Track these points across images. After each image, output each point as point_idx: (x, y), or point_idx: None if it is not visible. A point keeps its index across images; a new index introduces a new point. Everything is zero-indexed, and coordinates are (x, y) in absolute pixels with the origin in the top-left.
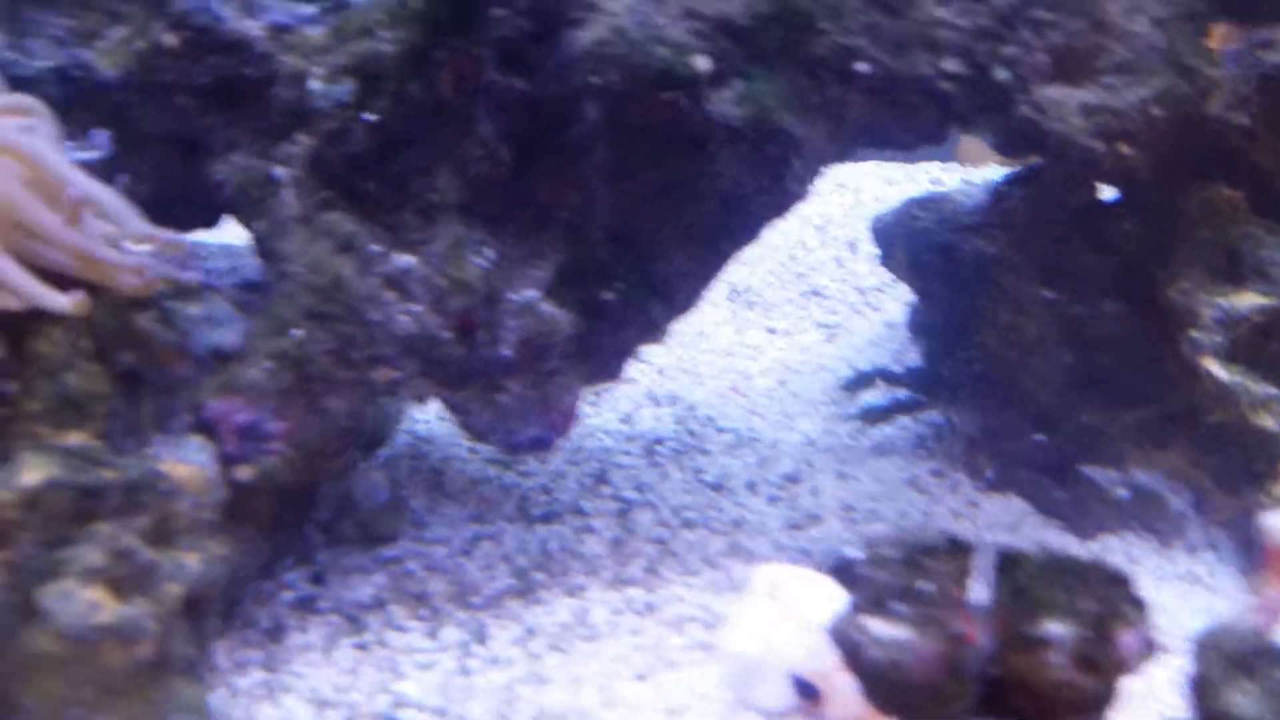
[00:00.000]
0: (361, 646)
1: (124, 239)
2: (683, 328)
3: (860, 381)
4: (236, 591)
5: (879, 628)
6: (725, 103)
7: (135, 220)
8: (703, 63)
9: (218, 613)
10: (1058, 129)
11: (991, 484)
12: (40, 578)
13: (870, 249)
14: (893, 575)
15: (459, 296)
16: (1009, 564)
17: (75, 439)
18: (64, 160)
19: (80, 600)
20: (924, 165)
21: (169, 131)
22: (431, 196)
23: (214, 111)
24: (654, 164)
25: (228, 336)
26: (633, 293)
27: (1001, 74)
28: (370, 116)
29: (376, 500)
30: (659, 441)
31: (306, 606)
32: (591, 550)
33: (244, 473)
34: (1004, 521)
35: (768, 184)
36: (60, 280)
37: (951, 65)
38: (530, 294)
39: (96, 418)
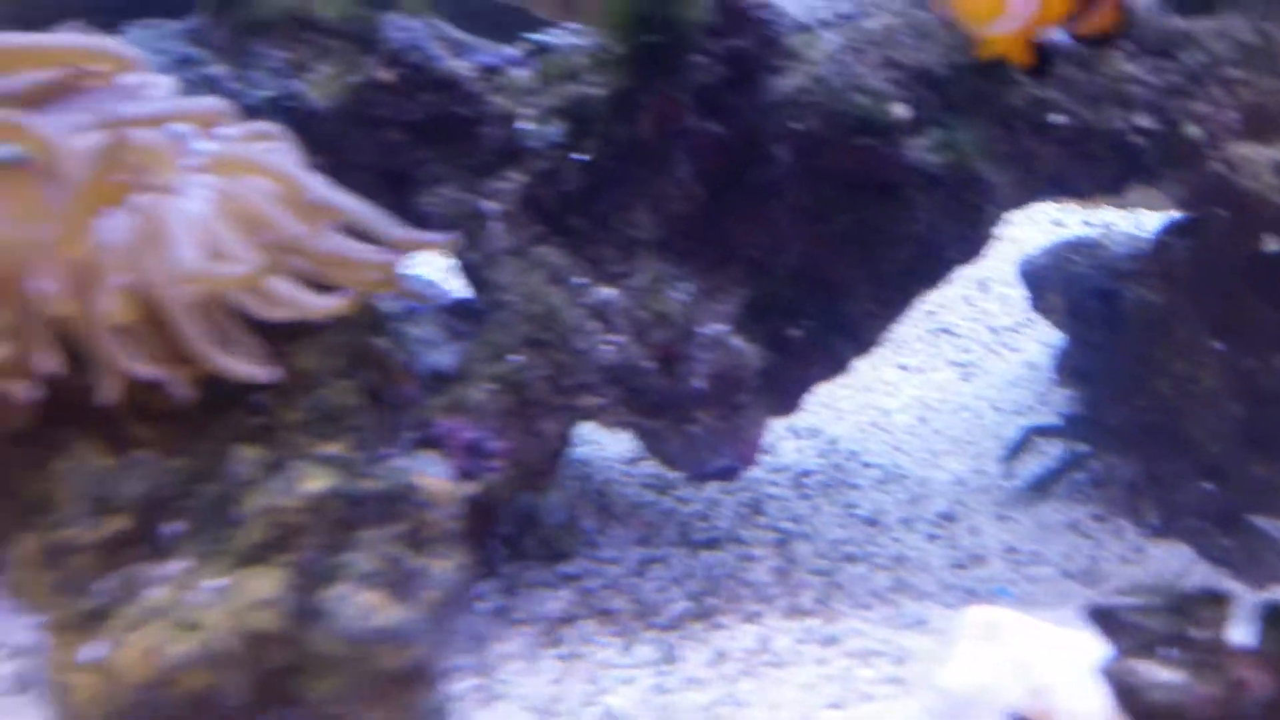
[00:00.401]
0: (562, 658)
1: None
2: None
3: (1021, 446)
4: None
5: (1156, 672)
6: (922, 150)
7: (393, 227)
8: (901, 110)
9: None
10: (1251, 186)
11: (1157, 530)
12: (321, 580)
13: (1001, 289)
14: (1160, 622)
15: (661, 329)
16: (1273, 614)
17: (333, 450)
18: (313, 177)
19: (357, 603)
20: (1040, 205)
21: (376, 163)
22: (631, 232)
23: (423, 146)
24: (846, 207)
25: (442, 358)
26: (820, 330)
27: (1192, 130)
28: (582, 157)
29: (556, 519)
30: (806, 474)
31: (503, 617)
32: (758, 578)
33: (469, 488)
34: (1172, 568)
35: (963, 230)
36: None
37: (1143, 120)
38: (719, 328)
39: (350, 430)
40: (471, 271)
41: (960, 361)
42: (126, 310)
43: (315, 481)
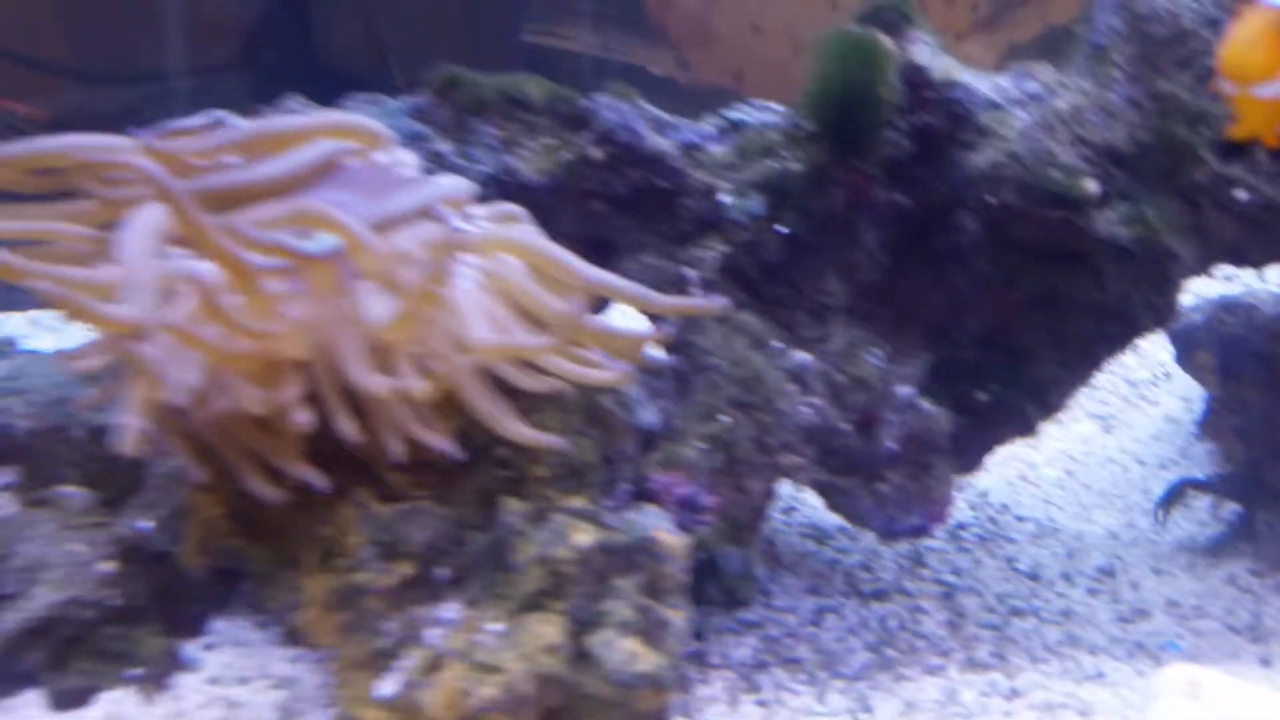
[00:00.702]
0: (763, 704)
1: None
2: None
3: (1174, 496)
4: None
5: None
6: (1112, 223)
7: (655, 295)
8: (1092, 185)
9: None
10: None
11: None
12: (588, 627)
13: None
14: None
15: (859, 393)
16: None
17: (579, 503)
18: (567, 252)
19: (621, 649)
20: None
21: (581, 231)
22: (823, 299)
23: (627, 217)
24: (1033, 275)
25: (647, 416)
26: (1007, 394)
27: None
28: (782, 229)
29: (734, 567)
30: (962, 527)
31: (700, 660)
32: (931, 631)
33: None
34: None
35: (1151, 298)
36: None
37: None
38: (907, 390)
39: (590, 485)
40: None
41: (1100, 414)
42: (428, 386)
43: (584, 535)
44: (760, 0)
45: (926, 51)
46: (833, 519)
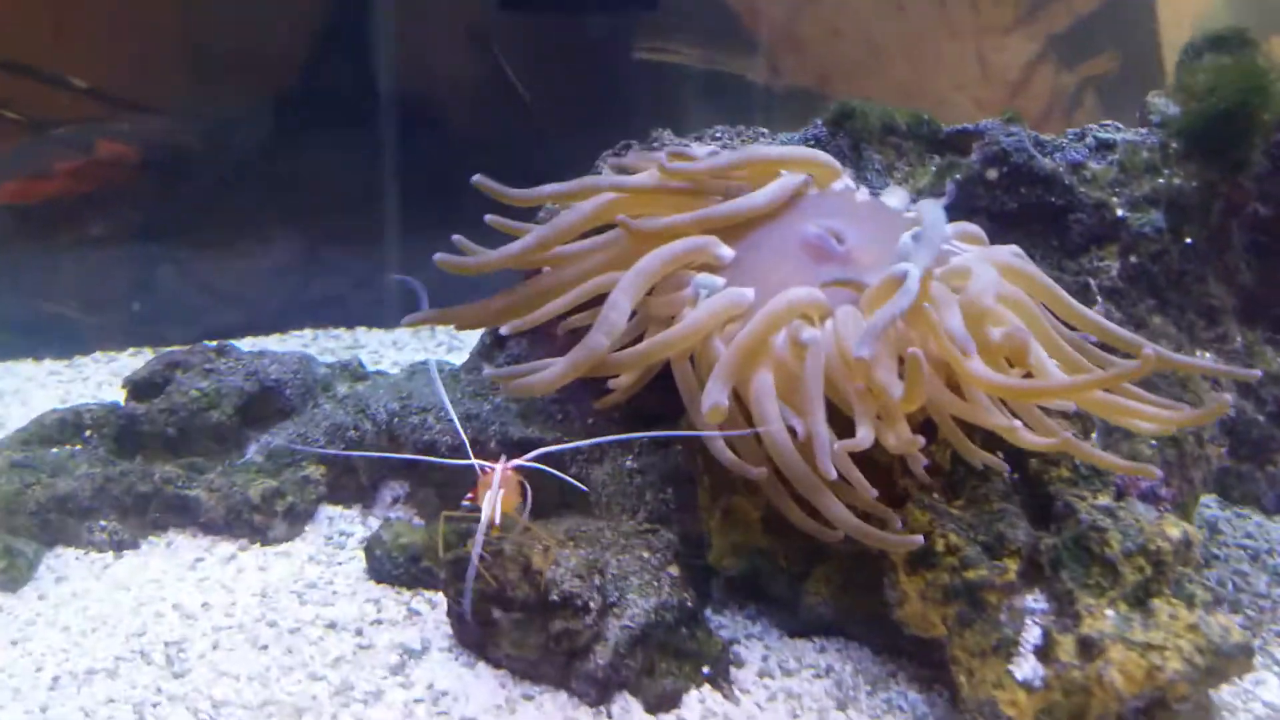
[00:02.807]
0: None
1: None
2: None
3: None
4: None
5: None
6: None
7: (1175, 356)
8: None
9: None
10: None
11: None
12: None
13: None
14: None
15: (1274, 386)
16: None
17: (1103, 500)
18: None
19: (1216, 624)
20: None
21: None
22: (1211, 301)
23: (1010, 230)
24: None
25: None
26: None
27: None
28: (1189, 240)
29: None
30: None
31: None
32: None
33: None
34: None
35: None
36: None
37: None
38: None
39: (1107, 484)
40: None
41: None
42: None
43: (1174, 528)
44: (838, 6)
45: None
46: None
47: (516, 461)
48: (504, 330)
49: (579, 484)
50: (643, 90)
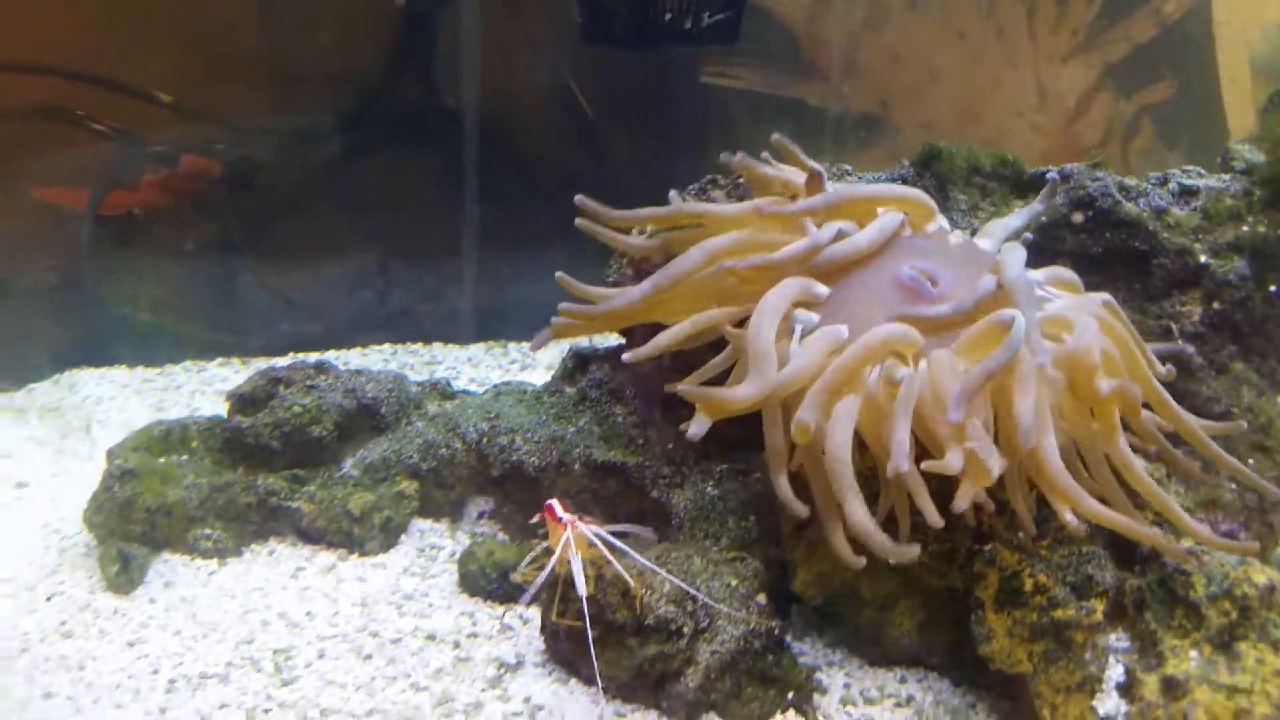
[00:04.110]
0: None
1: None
2: None
3: None
4: None
5: None
6: None
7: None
8: None
9: None
10: None
11: None
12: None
13: None
14: None
15: None
16: None
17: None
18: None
19: None
20: None
21: None
22: None
23: (1093, 273)
24: None
25: None
26: None
27: None
28: (1273, 288)
29: None
30: None
31: None
32: None
33: None
34: None
35: None
36: None
37: None
38: None
39: None
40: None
41: None
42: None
43: (1260, 575)
44: (898, 33)
45: None
46: None
47: (588, 529)
48: (626, 357)
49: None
50: (708, 114)
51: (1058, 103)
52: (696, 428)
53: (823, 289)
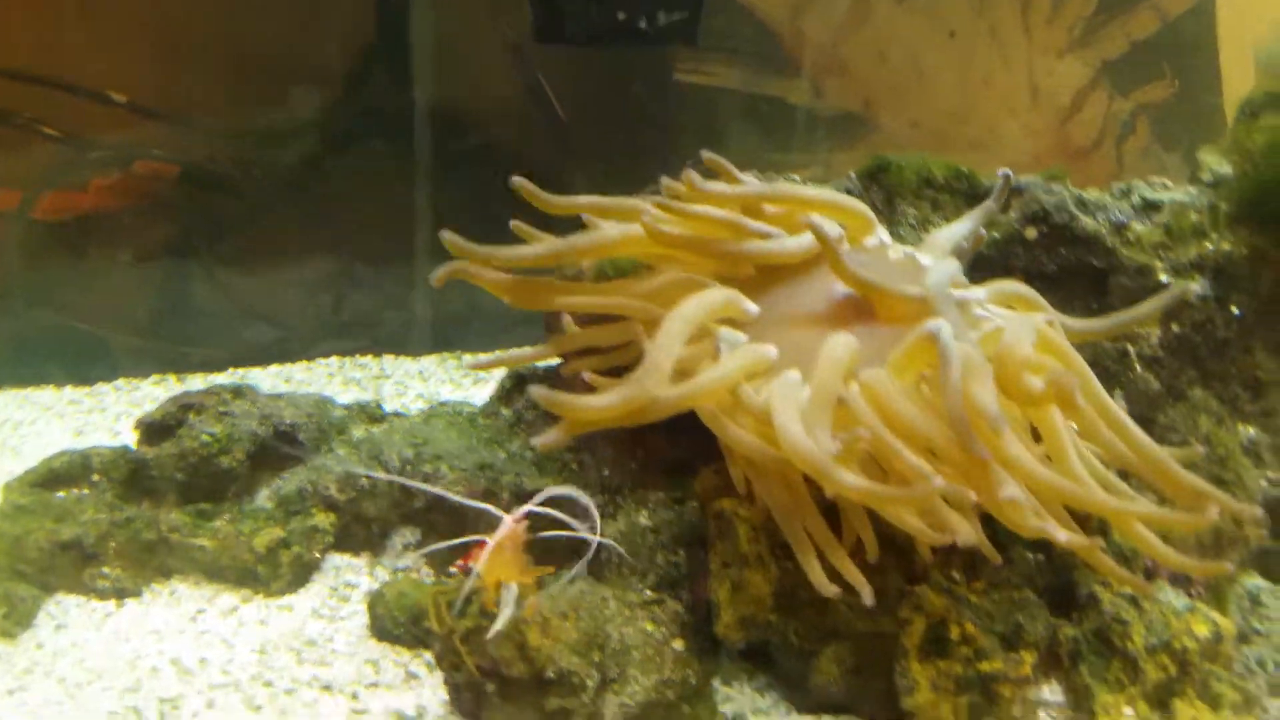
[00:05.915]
0: None
1: None
2: None
3: None
4: None
5: None
6: None
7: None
8: None
9: None
10: None
11: None
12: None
13: None
14: None
15: None
16: None
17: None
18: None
19: None
20: None
21: None
22: (1258, 373)
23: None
24: None
25: None
26: None
27: None
28: (1237, 311)
29: None
30: None
31: None
32: None
33: None
34: None
35: None
36: None
37: None
38: None
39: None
40: None
41: None
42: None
43: (1203, 625)
44: (885, 31)
45: None
46: None
47: (525, 508)
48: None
49: (592, 536)
50: (681, 112)
51: (1051, 101)
52: (544, 438)
53: (751, 306)
